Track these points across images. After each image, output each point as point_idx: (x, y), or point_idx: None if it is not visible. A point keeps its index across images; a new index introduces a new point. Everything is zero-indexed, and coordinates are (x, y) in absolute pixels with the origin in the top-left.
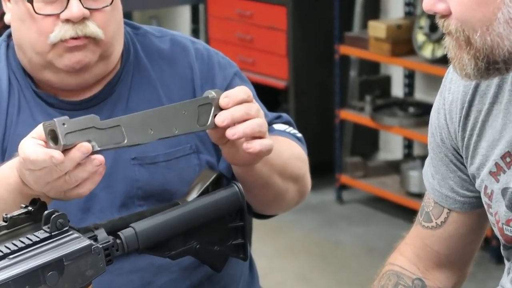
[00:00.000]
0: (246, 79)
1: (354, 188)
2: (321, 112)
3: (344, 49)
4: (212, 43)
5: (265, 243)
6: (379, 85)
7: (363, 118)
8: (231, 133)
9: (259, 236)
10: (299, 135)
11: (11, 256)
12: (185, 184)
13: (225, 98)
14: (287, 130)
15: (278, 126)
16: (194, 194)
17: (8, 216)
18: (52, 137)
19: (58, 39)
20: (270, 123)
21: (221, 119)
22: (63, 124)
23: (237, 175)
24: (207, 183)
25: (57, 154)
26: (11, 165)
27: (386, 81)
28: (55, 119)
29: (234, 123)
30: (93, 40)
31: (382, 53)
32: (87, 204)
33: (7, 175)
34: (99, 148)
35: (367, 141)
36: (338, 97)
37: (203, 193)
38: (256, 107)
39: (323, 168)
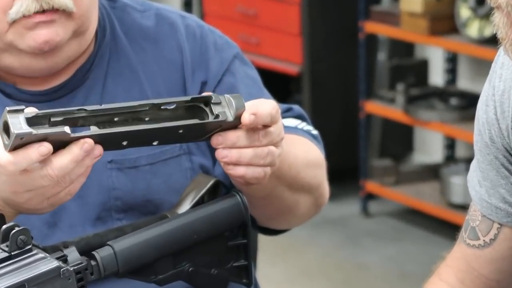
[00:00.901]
0: (249, 64)
1: (383, 198)
2: (342, 104)
3: (371, 27)
4: (208, 19)
5: (274, 265)
6: (414, 71)
7: (394, 112)
8: (222, 155)
9: (266, 257)
10: (314, 132)
11: None
12: (174, 193)
13: (251, 116)
14: (299, 126)
15: (288, 122)
16: (186, 205)
17: None
18: (5, 129)
19: (20, 15)
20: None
21: (223, 154)
22: (21, 138)
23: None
24: (202, 192)
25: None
26: None
27: (423, 66)
28: (16, 131)
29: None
30: (63, 13)
31: (418, 31)
32: (54, 218)
33: None
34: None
35: (399, 140)
36: (364, 86)
37: (198, 204)
38: (273, 134)
39: (346, 174)
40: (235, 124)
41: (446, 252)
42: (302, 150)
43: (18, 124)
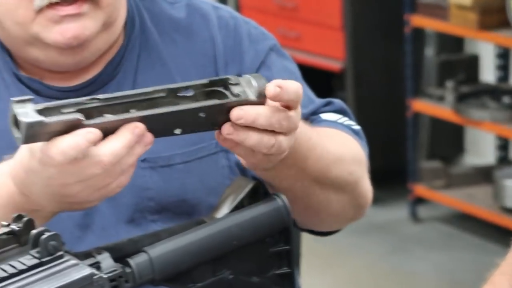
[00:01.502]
0: (287, 56)
1: (432, 202)
2: (388, 103)
3: (418, 20)
4: (244, 11)
5: (318, 273)
6: (464, 67)
7: (444, 111)
8: (226, 131)
9: (311, 264)
10: (356, 127)
11: None
12: (210, 192)
13: (276, 88)
14: (340, 121)
15: (327, 116)
16: (225, 210)
17: None
18: (15, 122)
19: (45, 2)
20: (316, 112)
21: (239, 114)
22: (32, 127)
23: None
24: (242, 195)
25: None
26: (2, 171)
27: (473, 62)
28: (26, 120)
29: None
30: (91, 3)
31: (467, 25)
32: (86, 220)
33: None
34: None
35: (449, 140)
36: (411, 83)
37: (237, 208)
38: (293, 120)
39: (392, 176)
40: (259, 103)
41: (500, 259)
42: (336, 144)
43: (26, 113)
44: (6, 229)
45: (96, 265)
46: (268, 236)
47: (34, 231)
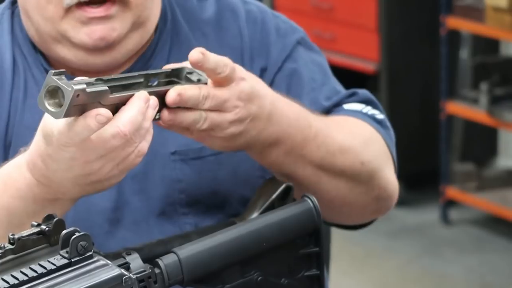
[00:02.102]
0: (316, 49)
1: (464, 204)
2: (422, 105)
3: (454, 22)
4: (279, 11)
5: (348, 276)
6: (499, 70)
7: (478, 113)
8: (167, 117)
9: (340, 266)
10: (380, 116)
11: None
12: (241, 184)
13: (200, 55)
14: (364, 111)
15: (350, 106)
16: (255, 211)
17: (16, 237)
18: (53, 97)
19: (74, 1)
20: (340, 103)
21: (174, 94)
22: (78, 95)
23: None
24: (272, 197)
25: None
26: (19, 164)
27: (508, 64)
28: (72, 86)
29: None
30: (119, 4)
31: (503, 27)
32: (117, 214)
33: (15, 179)
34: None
35: (482, 143)
36: (445, 85)
37: (267, 210)
38: (216, 100)
39: (425, 178)
40: None
41: None
42: (345, 132)
43: (68, 83)
44: (36, 229)
45: (126, 266)
46: (298, 237)
47: (64, 232)
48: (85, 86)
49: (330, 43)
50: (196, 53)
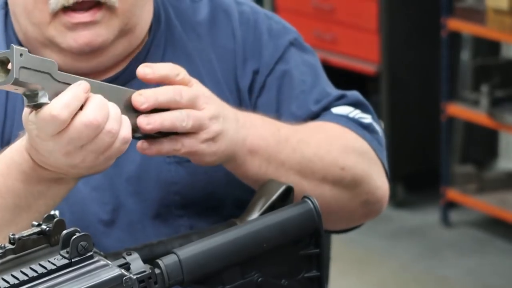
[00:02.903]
0: (308, 50)
1: (464, 206)
2: (423, 106)
3: (454, 24)
4: (280, 13)
5: (348, 277)
6: (500, 72)
7: (478, 115)
8: (144, 121)
9: (340, 268)
10: (367, 121)
11: None
12: (236, 185)
13: (145, 69)
14: (351, 115)
15: (338, 110)
16: (255, 212)
17: (16, 236)
18: (3, 64)
19: (59, 6)
20: (328, 107)
21: (141, 100)
22: (21, 54)
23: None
24: (273, 198)
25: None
26: (19, 148)
27: (509, 66)
28: (13, 46)
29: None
30: (106, 10)
31: (504, 29)
32: (113, 216)
33: (18, 162)
34: (47, 102)
35: (482, 144)
36: (446, 87)
37: (267, 211)
38: (190, 94)
39: (425, 180)
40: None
41: None
42: (322, 137)
43: (18, 65)
44: (36, 229)
45: (126, 266)
46: (298, 239)
47: (64, 232)
48: (27, 49)
49: (330, 44)
50: (142, 69)
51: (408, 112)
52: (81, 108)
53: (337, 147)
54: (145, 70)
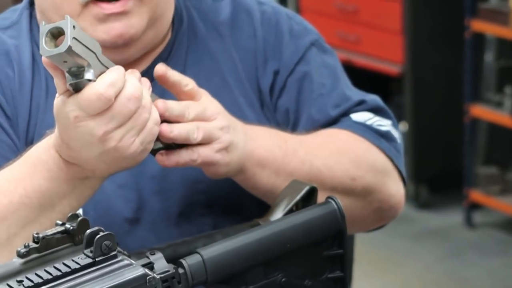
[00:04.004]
0: (330, 51)
1: (488, 208)
2: (446, 108)
3: (478, 25)
4: (304, 14)
5: (371, 278)
6: None
7: (502, 116)
8: (168, 129)
9: (363, 269)
10: (385, 128)
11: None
12: None
13: (164, 67)
14: (369, 122)
15: (356, 116)
16: (279, 213)
17: (40, 235)
18: (53, 37)
19: None
20: (347, 112)
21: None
22: (73, 27)
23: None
24: (296, 199)
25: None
26: (46, 146)
27: None
28: (67, 16)
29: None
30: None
31: None
32: (137, 214)
33: (44, 160)
34: (94, 79)
35: (506, 146)
36: (469, 88)
37: (291, 211)
38: (197, 109)
39: (448, 181)
40: None
41: None
42: (330, 149)
43: (71, 35)
44: (60, 228)
45: (149, 266)
46: (321, 239)
47: (88, 231)
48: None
49: (354, 45)
50: (161, 66)
51: (432, 113)
52: None
53: (348, 157)
54: (163, 68)
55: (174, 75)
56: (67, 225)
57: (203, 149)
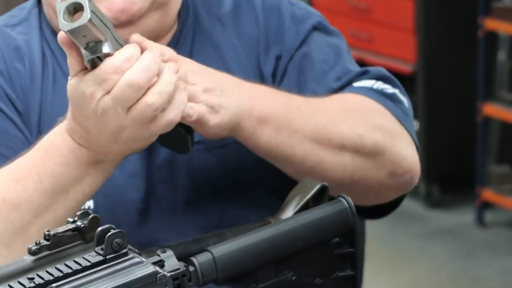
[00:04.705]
0: (336, 32)
1: (500, 207)
2: (459, 106)
3: (492, 24)
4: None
5: (382, 277)
6: None
7: None
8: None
9: (374, 267)
10: (391, 90)
11: (54, 285)
12: (266, 173)
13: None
14: (374, 86)
15: (361, 83)
16: (290, 211)
17: (51, 233)
18: (69, 14)
19: None
20: (350, 82)
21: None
22: (90, 0)
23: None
24: (307, 197)
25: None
26: (59, 131)
27: None
28: None
29: None
30: None
31: None
32: (146, 204)
33: (57, 145)
34: (112, 52)
35: None
36: (482, 87)
37: (302, 210)
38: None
39: (461, 180)
40: None
41: None
42: (336, 107)
43: (89, 8)
44: (71, 226)
45: (160, 263)
46: (332, 238)
47: (99, 228)
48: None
49: (367, 44)
50: (137, 36)
51: (444, 112)
52: None
53: (354, 116)
54: (138, 37)
55: (150, 45)
56: (78, 223)
57: (199, 106)
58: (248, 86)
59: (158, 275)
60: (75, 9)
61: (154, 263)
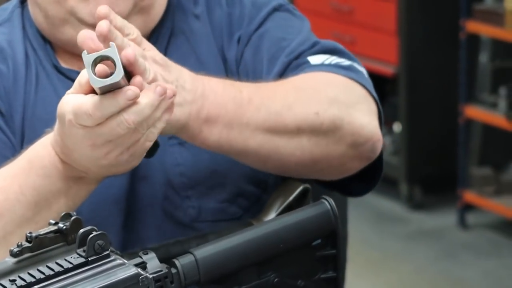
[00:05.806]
0: (300, 16)
1: (482, 209)
2: (441, 109)
3: (473, 26)
4: None
5: (364, 279)
6: None
7: (496, 117)
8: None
9: (356, 269)
10: (346, 63)
11: (36, 287)
12: (239, 162)
13: (108, 10)
14: (326, 62)
15: (314, 59)
16: (272, 213)
17: (33, 235)
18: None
19: None
20: (301, 55)
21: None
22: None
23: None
24: (290, 199)
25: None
26: (45, 142)
27: None
28: (112, 43)
29: None
30: None
31: None
32: (127, 203)
33: (41, 156)
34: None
35: (500, 147)
36: (464, 89)
37: (284, 211)
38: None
39: (442, 182)
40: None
41: None
42: (287, 88)
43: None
44: (53, 228)
45: (142, 265)
46: (315, 239)
47: (81, 230)
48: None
49: (349, 46)
50: (104, 8)
51: (426, 114)
52: None
53: (307, 93)
54: (106, 10)
55: (116, 20)
56: (60, 225)
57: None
58: (201, 82)
59: (140, 277)
60: (101, 59)
61: (136, 265)
